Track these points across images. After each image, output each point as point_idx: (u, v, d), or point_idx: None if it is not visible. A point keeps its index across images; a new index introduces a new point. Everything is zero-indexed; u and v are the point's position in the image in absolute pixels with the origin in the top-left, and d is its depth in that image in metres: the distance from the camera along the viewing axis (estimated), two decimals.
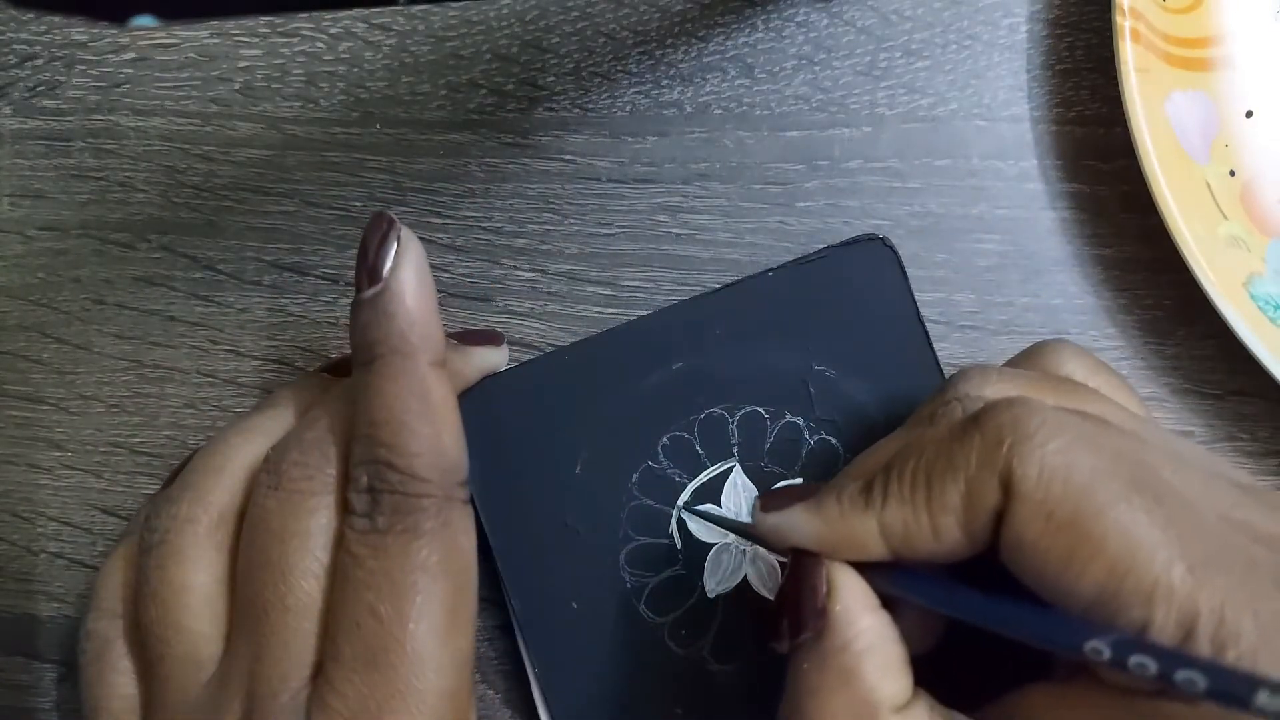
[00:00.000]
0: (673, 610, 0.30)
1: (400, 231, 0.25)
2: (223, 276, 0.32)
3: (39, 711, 0.32)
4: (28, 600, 0.32)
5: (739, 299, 0.30)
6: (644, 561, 0.30)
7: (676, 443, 0.30)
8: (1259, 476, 0.31)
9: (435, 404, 0.24)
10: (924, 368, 0.30)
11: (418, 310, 0.24)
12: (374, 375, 0.24)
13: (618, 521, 0.30)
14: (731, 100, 0.32)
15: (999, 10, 0.32)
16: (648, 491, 0.30)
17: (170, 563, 0.26)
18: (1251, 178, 0.31)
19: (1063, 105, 0.32)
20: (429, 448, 0.24)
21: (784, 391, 0.30)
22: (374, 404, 0.24)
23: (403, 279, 0.24)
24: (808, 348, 0.30)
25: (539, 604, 0.29)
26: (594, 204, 0.32)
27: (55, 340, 0.32)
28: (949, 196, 0.32)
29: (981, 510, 0.21)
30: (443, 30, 0.33)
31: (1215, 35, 0.31)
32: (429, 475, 0.24)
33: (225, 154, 0.33)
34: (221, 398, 0.32)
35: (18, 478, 0.32)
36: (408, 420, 0.24)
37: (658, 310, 0.31)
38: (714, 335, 0.30)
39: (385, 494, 0.24)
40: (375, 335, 0.24)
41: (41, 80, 0.33)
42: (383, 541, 0.24)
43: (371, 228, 0.25)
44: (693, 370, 0.30)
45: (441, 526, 0.24)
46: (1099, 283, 0.32)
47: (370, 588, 0.23)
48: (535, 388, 0.30)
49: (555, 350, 0.31)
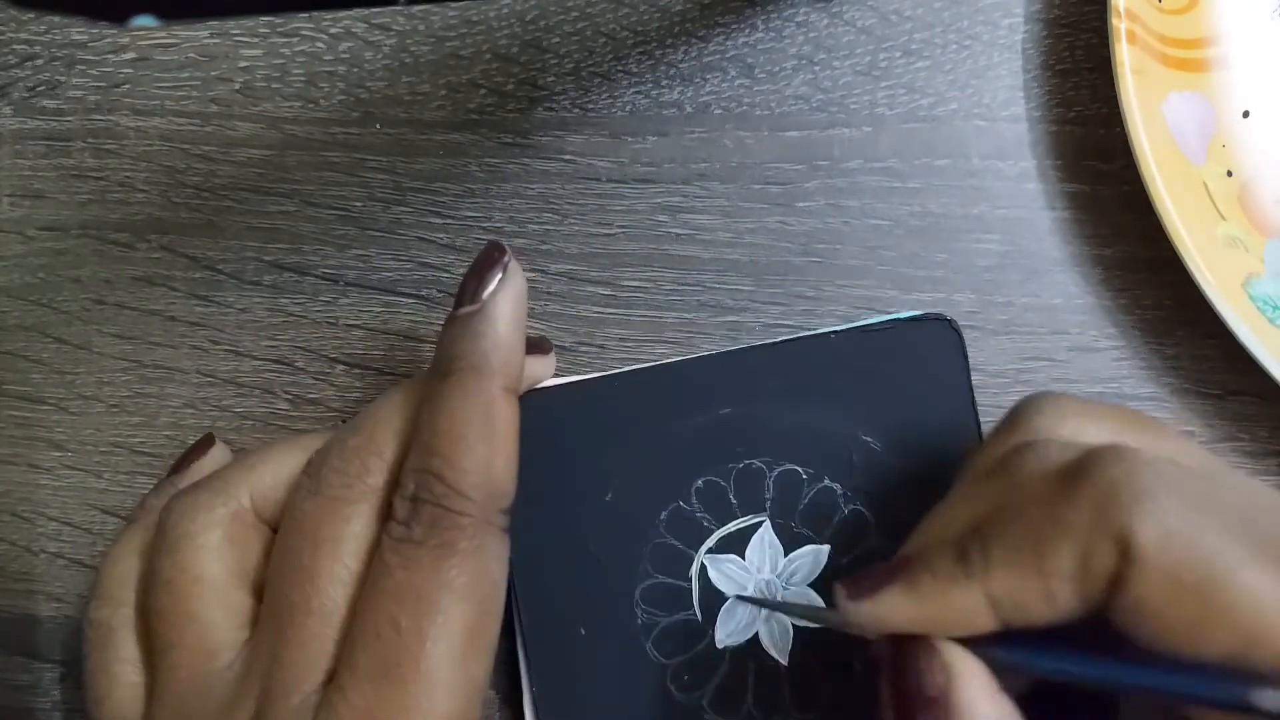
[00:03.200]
0: (679, 654, 0.29)
1: (510, 262, 0.25)
2: (223, 276, 0.32)
3: (39, 711, 0.32)
4: (28, 600, 0.32)
5: (797, 356, 0.30)
6: (659, 600, 0.29)
7: (711, 487, 0.30)
8: (1258, 476, 0.31)
9: (498, 428, 0.24)
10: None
11: (506, 337, 0.25)
12: (447, 387, 0.24)
13: (640, 556, 0.30)
14: (731, 100, 0.32)
15: (999, 10, 0.32)
16: (674, 531, 0.30)
17: (186, 552, 0.26)
18: (1249, 178, 0.31)
19: (1062, 105, 0.32)
20: (481, 467, 0.24)
21: (826, 455, 0.30)
22: (439, 414, 0.24)
23: (499, 304, 0.25)
24: (857, 416, 0.30)
25: (547, 623, 0.29)
26: (594, 204, 0.32)
27: (55, 340, 0.32)
28: (949, 196, 0.32)
29: (1098, 574, 0.20)
30: (443, 30, 0.33)
31: (1211, 36, 0.31)
32: (474, 494, 0.24)
33: (225, 154, 0.33)
34: (221, 398, 0.32)
35: (18, 478, 0.32)
36: (467, 436, 0.24)
37: (715, 354, 0.31)
38: (766, 387, 0.30)
39: (427, 505, 0.24)
40: (459, 350, 0.25)
41: (41, 80, 0.33)
42: (415, 553, 0.24)
43: (485, 254, 0.25)
44: (739, 418, 0.30)
45: (476, 550, 0.24)
46: (1099, 283, 0.32)
47: (395, 599, 0.23)
48: (579, 409, 0.30)
49: (606, 375, 0.31)
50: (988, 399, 0.31)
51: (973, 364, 0.31)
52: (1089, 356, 0.32)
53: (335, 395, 0.32)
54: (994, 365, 0.31)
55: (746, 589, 0.29)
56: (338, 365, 0.32)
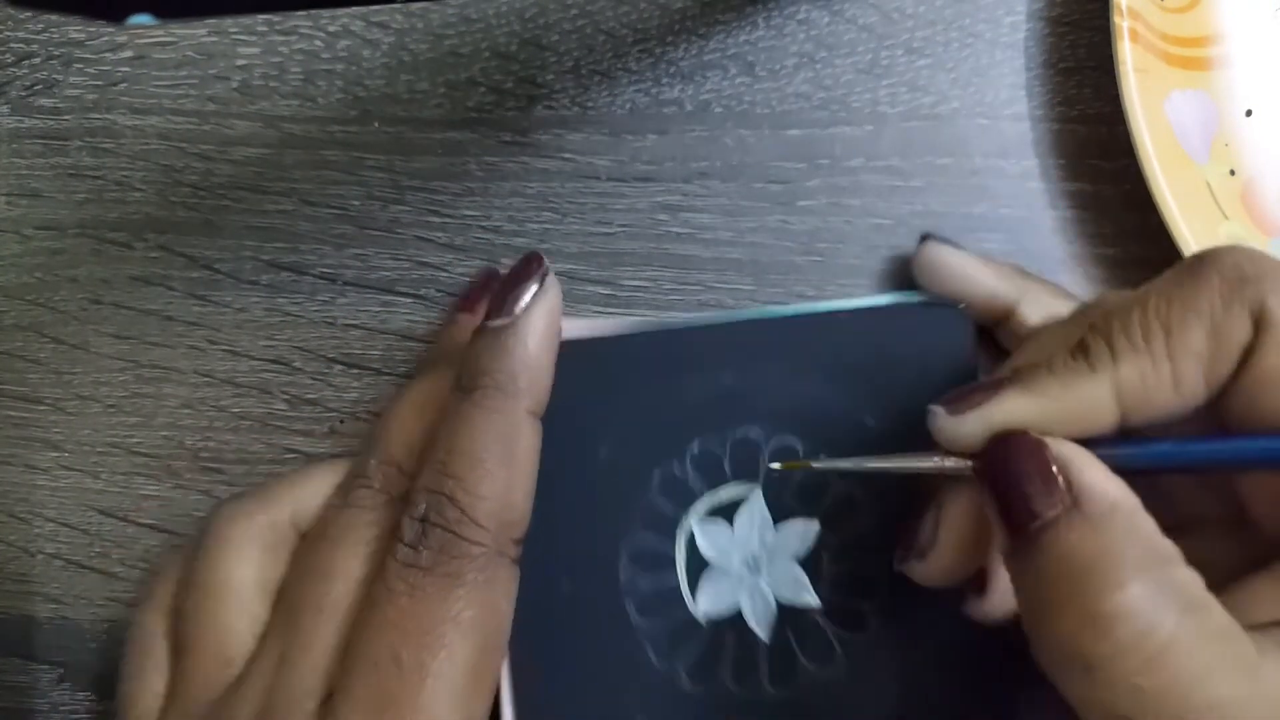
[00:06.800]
0: (658, 618, 0.29)
1: (547, 276, 0.24)
2: (220, 276, 0.32)
3: (36, 713, 0.31)
4: (25, 601, 0.32)
5: (804, 329, 0.30)
6: (644, 561, 0.29)
7: (706, 453, 0.30)
8: None
9: (519, 453, 0.24)
10: None
11: (536, 356, 0.24)
12: (470, 404, 0.24)
13: (629, 514, 0.29)
14: (732, 98, 0.32)
15: (1001, 8, 0.32)
16: (666, 491, 0.29)
17: (217, 554, 0.25)
18: (1252, 177, 0.31)
19: (1065, 104, 0.32)
20: (497, 494, 0.23)
21: (824, 432, 0.29)
22: (459, 432, 0.24)
23: (532, 320, 0.24)
24: (859, 394, 0.29)
25: (530, 574, 0.29)
26: (594, 203, 0.32)
27: (52, 340, 0.32)
28: (951, 195, 0.32)
29: (1230, 349, 0.21)
30: (441, 28, 0.33)
31: (1214, 34, 0.31)
32: (487, 523, 0.23)
33: (223, 153, 0.32)
34: (219, 397, 0.32)
35: (14, 478, 0.32)
36: (486, 460, 0.23)
37: (720, 322, 0.30)
38: (769, 358, 0.30)
39: (438, 529, 0.23)
40: (486, 365, 0.24)
41: (39, 79, 0.33)
42: (421, 581, 0.23)
43: (522, 264, 0.25)
44: (740, 386, 0.29)
45: (485, 582, 0.23)
46: (1101, 282, 0.32)
47: (397, 628, 0.23)
48: (579, 363, 0.29)
49: (606, 337, 0.30)
50: None
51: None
52: None
53: (333, 395, 0.32)
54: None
55: (732, 558, 0.29)
56: (335, 365, 0.32)
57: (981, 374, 0.29)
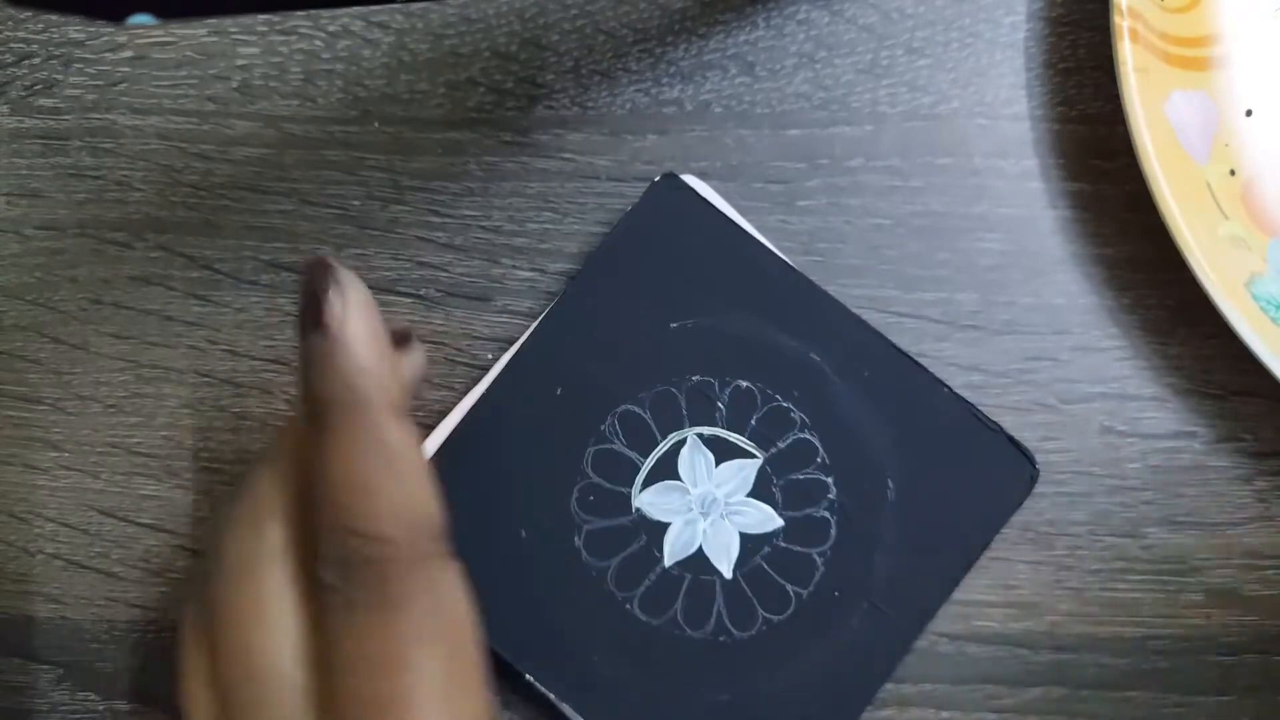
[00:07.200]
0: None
1: (340, 274, 0.23)
2: (220, 276, 0.32)
3: (36, 713, 0.31)
4: (24, 601, 0.32)
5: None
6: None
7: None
8: (1260, 476, 0.31)
9: (394, 455, 0.22)
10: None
11: (369, 358, 0.22)
12: (326, 435, 0.22)
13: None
14: (732, 98, 0.32)
15: (1001, 8, 0.32)
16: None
17: (176, 650, 0.24)
18: (1252, 177, 0.31)
19: (1065, 104, 0.32)
20: (392, 504, 0.22)
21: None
22: (329, 465, 0.22)
23: (349, 325, 0.22)
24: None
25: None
26: (594, 202, 0.32)
27: (52, 340, 0.32)
28: (951, 195, 0.32)
29: None
30: (441, 28, 0.33)
31: (1214, 34, 0.31)
32: (393, 534, 0.22)
33: (223, 153, 0.32)
34: (219, 398, 0.32)
35: (14, 478, 0.32)
36: (366, 480, 0.22)
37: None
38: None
39: (353, 564, 0.22)
40: (324, 391, 0.22)
41: (39, 79, 0.33)
42: (359, 619, 0.22)
43: (311, 274, 0.23)
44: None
45: (422, 592, 0.22)
46: (1101, 282, 0.32)
47: (355, 673, 0.22)
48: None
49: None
50: (990, 399, 0.31)
51: (975, 363, 0.31)
52: (1091, 356, 0.31)
53: None
54: (996, 365, 0.31)
55: (690, 498, 0.30)
56: None
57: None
